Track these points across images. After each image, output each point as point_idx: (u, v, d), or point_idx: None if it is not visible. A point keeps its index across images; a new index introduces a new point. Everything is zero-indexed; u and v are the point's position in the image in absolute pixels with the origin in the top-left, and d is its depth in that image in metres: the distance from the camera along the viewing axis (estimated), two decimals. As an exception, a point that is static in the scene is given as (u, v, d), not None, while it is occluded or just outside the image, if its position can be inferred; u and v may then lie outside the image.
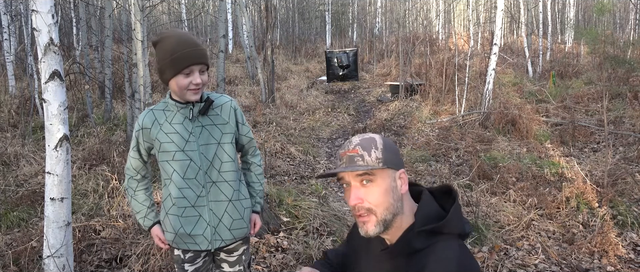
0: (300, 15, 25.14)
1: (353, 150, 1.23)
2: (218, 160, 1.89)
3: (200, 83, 1.79)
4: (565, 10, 22.95)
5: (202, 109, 1.86)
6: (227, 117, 1.92)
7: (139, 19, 4.65)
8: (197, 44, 1.81)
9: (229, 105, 1.94)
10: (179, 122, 1.87)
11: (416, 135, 7.34)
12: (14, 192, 4.58)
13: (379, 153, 1.23)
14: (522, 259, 3.46)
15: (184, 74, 1.78)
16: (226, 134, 1.91)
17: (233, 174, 1.93)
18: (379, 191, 1.21)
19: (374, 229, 1.22)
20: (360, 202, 1.21)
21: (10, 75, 9.36)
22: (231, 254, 2.03)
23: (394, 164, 1.24)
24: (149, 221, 1.99)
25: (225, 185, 1.91)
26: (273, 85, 10.36)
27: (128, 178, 2.00)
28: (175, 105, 1.87)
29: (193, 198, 1.88)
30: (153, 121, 1.88)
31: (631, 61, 8.96)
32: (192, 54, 1.77)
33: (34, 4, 2.39)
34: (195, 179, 1.87)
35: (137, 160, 1.95)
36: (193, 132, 1.87)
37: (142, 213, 1.99)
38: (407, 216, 1.25)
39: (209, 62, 1.85)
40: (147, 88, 4.88)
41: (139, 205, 1.99)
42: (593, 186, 4.47)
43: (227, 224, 1.92)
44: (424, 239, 1.21)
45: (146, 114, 1.91)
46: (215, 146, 1.89)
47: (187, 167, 1.86)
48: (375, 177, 1.21)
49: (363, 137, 1.27)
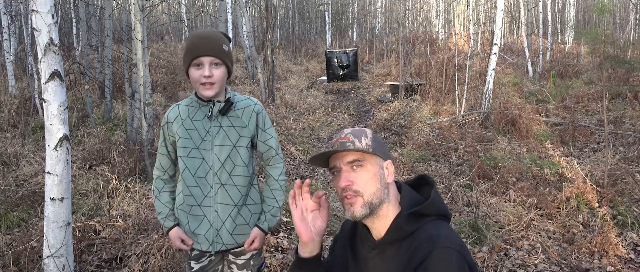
0: (300, 15, 25.13)
1: (345, 137, 1.32)
2: (230, 162, 1.87)
3: (209, 76, 1.78)
4: (565, 10, 22.94)
5: (222, 109, 1.85)
6: (247, 120, 1.89)
7: (139, 19, 4.65)
8: (210, 38, 1.81)
9: (251, 109, 1.90)
10: (198, 120, 1.87)
11: (416, 135, 7.34)
12: (14, 192, 4.57)
13: (368, 140, 1.32)
14: (522, 259, 3.45)
15: (195, 66, 1.80)
16: (243, 137, 1.88)
17: (244, 179, 1.89)
18: (368, 175, 1.30)
19: (360, 211, 1.28)
20: (349, 184, 1.29)
21: (10, 75, 9.36)
22: (239, 257, 2.00)
23: (382, 153, 1.34)
24: (170, 222, 1.95)
25: (234, 189, 1.88)
26: (273, 85, 10.36)
27: (156, 178, 1.99)
28: (198, 102, 1.87)
29: (200, 197, 1.87)
30: (176, 116, 1.89)
31: (631, 61, 8.96)
32: (200, 46, 1.78)
33: (34, 4, 2.39)
34: (204, 178, 1.86)
35: (166, 157, 1.95)
36: (210, 131, 1.86)
37: (163, 214, 1.96)
38: (394, 204, 1.32)
39: (223, 56, 1.82)
40: (147, 88, 4.88)
41: (162, 206, 1.96)
42: (593, 186, 4.47)
43: (230, 228, 1.89)
44: (412, 222, 1.28)
45: (172, 108, 1.93)
46: (229, 148, 1.86)
47: (198, 166, 1.86)
48: (364, 162, 1.30)
49: (354, 128, 1.37)
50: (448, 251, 1.19)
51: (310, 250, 1.38)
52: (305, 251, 1.38)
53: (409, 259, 1.23)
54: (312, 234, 1.37)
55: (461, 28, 27.08)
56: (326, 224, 1.40)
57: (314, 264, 1.39)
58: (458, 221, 4.02)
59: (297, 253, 1.41)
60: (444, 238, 1.22)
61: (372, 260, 1.34)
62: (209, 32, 1.85)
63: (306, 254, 1.38)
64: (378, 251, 1.32)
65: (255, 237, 1.93)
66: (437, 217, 1.30)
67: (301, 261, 1.39)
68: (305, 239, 1.37)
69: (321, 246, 1.41)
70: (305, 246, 1.38)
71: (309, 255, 1.38)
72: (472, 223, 3.86)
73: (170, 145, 1.93)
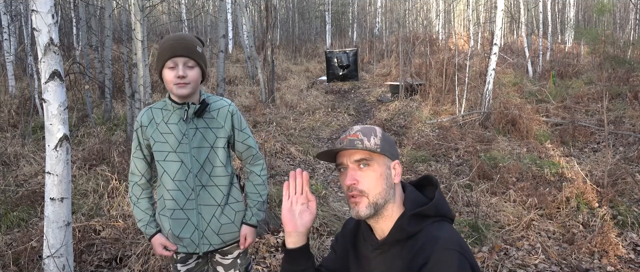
0: (300, 15, 25.13)
1: (354, 134, 1.31)
2: (209, 164, 1.86)
3: (183, 76, 1.76)
4: (565, 10, 22.94)
5: (197, 111, 1.84)
6: (222, 121, 1.88)
7: (139, 19, 4.64)
8: (183, 39, 1.80)
9: (226, 109, 1.90)
10: (174, 123, 1.86)
11: (416, 135, 7.34)
12: (14, 192, 4.57)
13: (377, 140, 1.31)
14: (522, 259, 3.45)
15: (168, 68, 1.78)
16: (220, 138, 1.88)
17: (224, 179, 1.89)
18: (375, 175, 1.29)
19: (365, 211, 1.28)
20: (355, 183, 1.29)
21: (10, 75, 9.36)
22: (225, 257, 2.00)
23: (390, 153, 1.33)
24: (152, 229, 1.94)
25: (216, 189, 1.88)
26: (273, 85, 10.35)
27: (132, 184, 1.95)
28: (172, 105, 1.85)
29: (182, 201, 1.86)
30: (150, 120, 1.87)
31: (631, 61, 8.96)
32: (174, 47, 1.77)
33: (34, 4, 2.39)
34: (185, 181, 1.85)
35: (142, 160, 1.92)
36: (186, 133, 1.85)
37: (144, 221, 1.94)
38: (398, 205, 1.32)
39: (197, 57, 1.81)
40: (147, 88, 4.88)
41: (142, 213, 1.94)
42: (593, 186, 4.46)
43: (215, 228, 1.89)
44: (415, 223, 1.27)
45: (145, 112, 1.90)
46: (207, 150, 1.86)
47: (177, 169, 1.84)
48: (372, 162, 1.29)
49: (364, 125, 1.36)
50: (450, 253, 1.19)
51: (295, 241, 1.39)
52: (290, 242, 1.39)
53: (411, 260, 1.23)
54: (296, 225, 1.38)
55: (461, 28, 27.07)
56: (313, 219, 1.40)
57: (299, 255, 1.39)
58: (458, 221, 4.02)
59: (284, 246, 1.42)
60: (446, 240, 1.22)
61: (375, 259, 1.34)
62: (183, 34, 1.84)
63: (290, 245, 1.39)
64: (381, 251, 1.32)
65: (246, 234, 1.95)
66: (440, 218, 1.30)
67: (286, 251, 1.40)
68: (288, 229, 1.38)
69: (308, 240, 1.42)
70: (289, 236, 1.39)
71: (293, 246, 1.39)
72: (472, 223, 3.86)
73: (146, 148, 1.90)
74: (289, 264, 1.40)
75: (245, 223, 1.96)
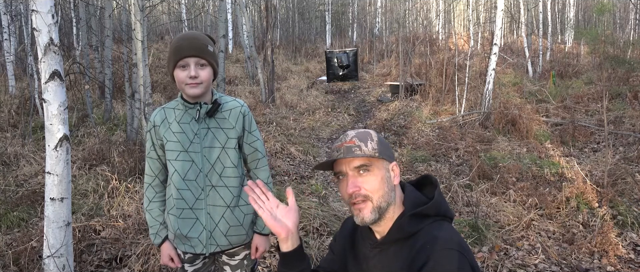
0: (300, 15, 25.14)
1: (350, 141, 1.31)
2: (220, 164, 1.86)
3: (195, 76, 1.76)
4: (565, 10, 22.94)
5: (209, 111, 1.84)
6: (234, 121, 1.88)
7: (139, 19, 4.65)
8: (195, 38, 1.80)
9: (238, 110, 1.89)
10: (186, 122, 1.86)
11: (416, 135, 7.34)
12: (14, 192, 4.57)
13: (374, 144, 1.31)
14: (522, 259, 3.45)
15: (180, 67, 1.78)
16: (231, 138, 1.87)
17: (235, 180, 1.88)
18: (376, 179, 1.29)
19: (370, 216, 1.28)
20: (357, 190, 1.28)
21: (10, 75, 9.36)
22: (232, 258, 2.00)
23: (387, 156, 1.33)
24: (159, 238, 1.94)
25: (225, 190, 1.87)
26: (273, 85, 10.35)
27: (146, 186, 1.95)
28: (184, 105, 1.86)
29: (191, 200, 1.86)
30: (163, 119, 1.88)
31: (631, 61, 8.95)
32: (185, 46, 1.77)
33: (34, 4, 2.39)
34: (195, 181, 1.85)
35: (156, 161, 1.91)
36: (198, 133, 1.84)
37: (154, 228, 1.94)
38: (398, 206, 1.33)
39: (208, 57, 1.80)
40: (147, 88, 4.88)
41: (153, 220, 1.94)
42: (593, 186, 4.46)
43: (224, 230, 1.89)
44: (415, 223, 1.27)
45: (158, 111, 1.91)
46: (219, 150, 1.86)
47: (188, 169, 1.84)
48: (371, 166, 1.29)
49: (358, 130, 1.36)
50: (450, 253, 1.19)
51: (292, 244, 1.38)
52: (288, 246, 1.38)
53: (411, 260, 1.23)
54: (288, 229, 1.36)
55: (461, 28, 27.07)
56: (298, 214, 1.40)
57: (297, 256, 1.39)
58: (458, 221, 4.02)
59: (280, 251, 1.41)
60: (446, 239, 1.22)
61: (373, 258, 1.34)
62: (194, 33, 1.84)
63: (289, 248, 1.38)
64: (379, 250, 1.32)
65: (258, 244, 1.95)
66: (440, 217, 1.30)
67: (285, 255, 1.39)
68: (283, 235, 1.36)
69: (301, 238, 1.42)
70: (286, 241, 1.38)
71: (291, 248, 1.38)
72: (472, 223, 3.86)
73: (159, 148, 1.90)
74: (285, 268, 1.39)
75: (257, 232, 1.95)
